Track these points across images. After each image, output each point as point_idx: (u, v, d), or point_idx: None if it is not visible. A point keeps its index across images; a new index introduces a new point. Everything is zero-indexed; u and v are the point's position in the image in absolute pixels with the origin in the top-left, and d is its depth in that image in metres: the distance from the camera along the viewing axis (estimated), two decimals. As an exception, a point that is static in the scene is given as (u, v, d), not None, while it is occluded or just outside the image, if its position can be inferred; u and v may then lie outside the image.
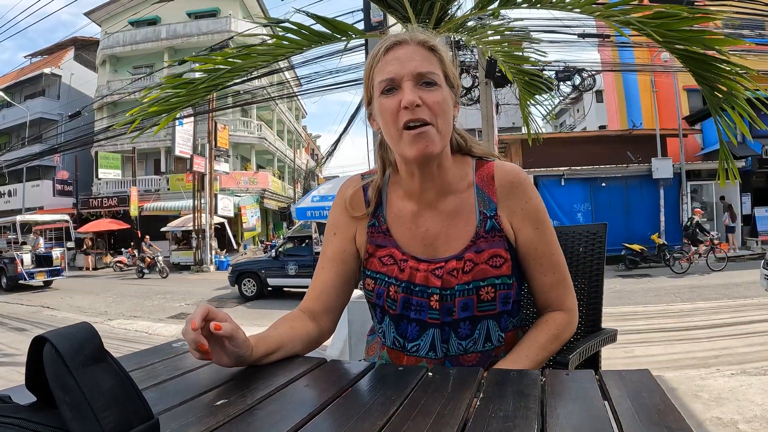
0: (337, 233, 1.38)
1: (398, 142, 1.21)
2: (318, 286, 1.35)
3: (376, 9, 4.93)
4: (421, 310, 1.25)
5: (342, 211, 1.38)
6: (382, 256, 1.31)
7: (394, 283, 1.27)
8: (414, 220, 1.30)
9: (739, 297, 9.28)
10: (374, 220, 1.34)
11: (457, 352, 1.25)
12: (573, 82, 15.51)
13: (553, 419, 0.77)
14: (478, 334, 1.25)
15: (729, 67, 2.70)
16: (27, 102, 32.30)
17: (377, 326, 1.36)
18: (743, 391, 3.85)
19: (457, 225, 1.28)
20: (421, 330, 1.26)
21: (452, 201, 1.29)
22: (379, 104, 1.22)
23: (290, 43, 3.43)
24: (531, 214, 1.28)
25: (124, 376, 0.68)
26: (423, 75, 1.18)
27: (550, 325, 1.29)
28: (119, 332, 8.70)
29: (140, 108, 3.53)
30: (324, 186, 14.16)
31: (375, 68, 1.24)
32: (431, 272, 1.25)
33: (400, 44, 1.22)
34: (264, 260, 14.11)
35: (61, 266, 18.15)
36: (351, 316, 4.20)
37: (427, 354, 1.25)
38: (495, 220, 1.27)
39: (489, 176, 1.30)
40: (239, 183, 28.93)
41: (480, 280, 1.22)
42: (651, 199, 18.24)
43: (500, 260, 1.24)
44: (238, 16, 29.89)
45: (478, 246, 1.25)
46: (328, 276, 1.35)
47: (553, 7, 3.20)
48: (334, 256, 1.36)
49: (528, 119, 4.73)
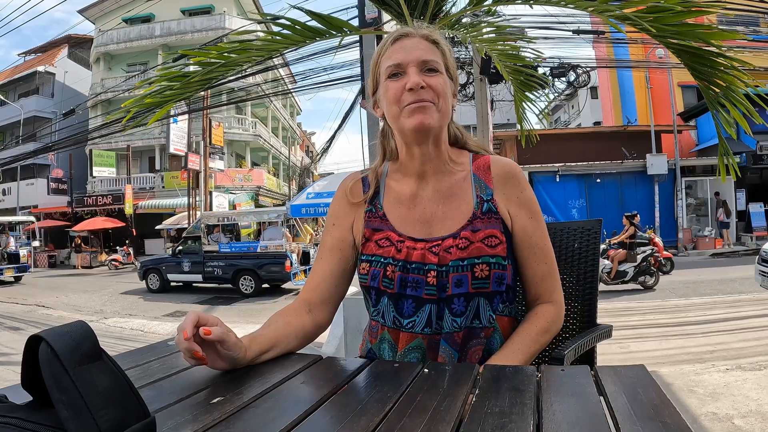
0: (336, 224, 1.42)
1: (398, 118, 1.29)
2: (317, 276, 1.39)
3: (370, 6, 4.92)
4: (417, 286, 1.27)
5: (341, 201, 1.43)
6: (379, 239, 1.34)
7: (390, 262, 1.30)
8: (412, 200, 1.35)
9: (733, 292, 9.32)
10: (371, 206, 1.39)
11: (451, 329, 1.26)
12: (568, 79, 15.53)
13: (549, 415, 0.77)
14: (469, 311, 1.27)
15: (725, 61, 2.71)
16: (21, 100, 32.16)
17: (372, 309, 1.38)
18: (738, 386, 3.87)
19: (453, 206, 1.33)
20: (417, 306, 1.28)
21: (449, 182, 1.35)
22: (385, 87, 1.30)
23: (284, 39, 3.42)
24: (526, 203, 1.34)
25: (120, 374, 0.68)
26: (427, 62, 1.27)
27: (540, 318, 1.32)
28: (115, 330, 8.68)
29: (135, 99, 3.52)
30: (319, 183, 14.14)
31: (382, 57, 1.33)
32: (428, 250, 1.28)
33: (407, 36, 1.31)
34: (165, 258, 15.28)
35: (28, 263, 19.75)
36: (347, 312, 4.20)
37: (422, 330, 1.27)
38: (491, 203, 1.31)
39: (485, 166, 1.36)
40: (234, 180, 28.86)
41: (475, 257, 1.25)
42: (646, 195, 18.30)
43: (495, 240, 1.27)
44: (232, 13, 29.78)
45: (474, 225, 1.29)
46: (326, 266, 1.39)
47: (547, 3, 3.20)
48: (332, 246, 1.40)
49: (522, 118, 4.73)
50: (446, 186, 1.34)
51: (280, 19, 3.30)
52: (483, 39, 4.02)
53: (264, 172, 31.88)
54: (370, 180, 1.42)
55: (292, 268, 12.81)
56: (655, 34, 2.71)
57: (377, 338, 1.37)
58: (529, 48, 4.31)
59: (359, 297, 1.43)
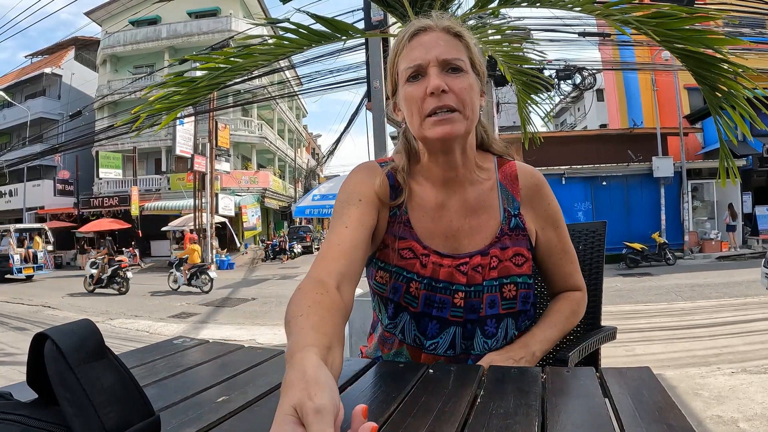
0: (363, 200, 1.21)
1: (421, 128, 1.17)
2: (346, 244, 1.12)
3: (376, 8, 4.93)
4: (443, 307, 1.21)
5: (369, 186, 1.24)
6: (402, 248, 1.23)
7: (415, 278, 1.22)
8: (437, 210, 1.26)
9: (740, 295, 9.27)
10: (395, 209, 1.26)
11: (483, 350, 1.22)
12: (573, 81, 15.50)
13: (554, 416, 0.77)
14: (501, 333, 1.24)
15: (728, 66, 2.70)
16: (28, 102, 32.27)
17: (387, 322, 1.27)
18: (744, 389, 3.85)
19: (480, 219, 1.26)
20: (441, 327, 1.22)
21: (475, 193, 1.26)
22: (405, 92, 1.18)
23: (290, 43, 3.43)
24: (553, 215, 1.32)
25: (125, 372, 0.68)
26: (449, 62, 1.15)
27: (571, 300, 1.36)
28: (120, 331, 8.70)
29: (144, 105, 3.54)
30: (325, 185, 14.15)
31: (399, 56, 1.21)
32: (455, 268, 1.21)
33: (425, 30, 1.19)
34: None
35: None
36: (352, 314, 4.19)
37: (445, 352, 1.23)
38: (519, 219, 1.27)
39: (512, 175, 1.30)
40: (240, 182, 28.91)
41: (504, 277, 1.22)
42: (652, 197, 18.21)
43: (522, 259, 1.24)
44: (238, 16, 29.85)
45: (503, 243, 1.24)
46: (356, 234, 1.15)
47: (553, 6, 3.20)
48: (361, 219, 1.18)
49: (525, 120, 4.72)
50: (473, 197, 1.26)
51: (286, 23, 3.31)
52: (488, 41, 4.02)
53: (270, 174, 31.92)
54: (398, 180, 1.27)
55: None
56: (658, 40, 2.70)
57: (392, 350, 1.30)
58: (534, 50, 4.31)
59: (364, 299, 1.43)
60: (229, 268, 22.66)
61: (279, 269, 21.51)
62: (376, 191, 1.23)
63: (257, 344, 5.67)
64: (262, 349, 1.27)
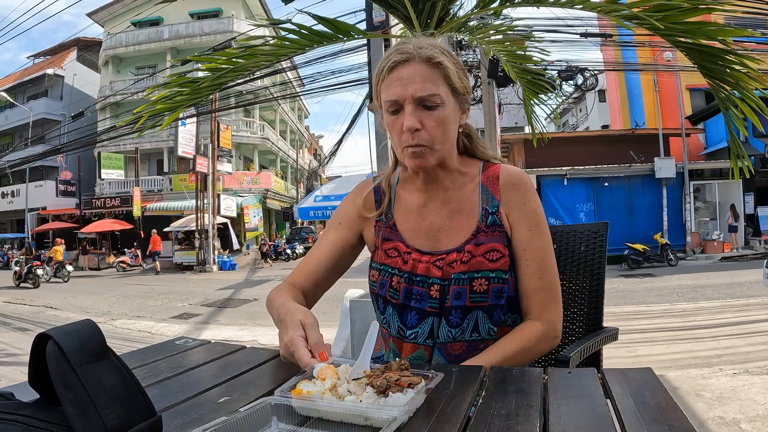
0: (343, 224, 1.46)
1: (401, 154, 1.31)
2: (312, 264, 1.43)
3: (378, 9, 4.93)
4: (421, 299, 1.30)
5: (353, 206, 1.47)
6: (388, 248, 1.38)
7: (397, 273, 1.33)
8: (420, 212, 1.38)
9: (742, 296, 9.25)
10: (382, 216, 1.42)
11: (446, 339, 1.28)
12: (575, 82, 15.49)
13: (556, 417, 0.77)
14: (466, 324, 1.28)
15: (735, 57, 2.69)
16: (30, 102, 32.35)
17: (380, 317, 1.40)
18: (746, 390, 3.85)
19: (461, 219, 1.34)
20: (420, 318, 1.31)
21: (457, 195, 1.36)
22: (386, 121, 1.31)
23: (292, 43, 3.44)
24: (527, 215, 1.32)
25: (126, 373, 0.68)
26: (423, 98, 1.24)
27: (524, 334, 1.26)
28: (122, 332, 8.71)
29: (147, 105, 3.55)
30: (327, 186, 14.19)
31: (381, 84, 1.30)
32: (432, 263, 1.30)
33: (404, 63, 1.25)
34: None
35: None
36: (353, 315, 4.19)
37: (425, 341, 1.30)
38: (496, 216, 1.31)
39: (494, 176, 1.36)
40: (242, 183, 28.94)
41: (474, 272, 1.26)
42: (654, 198, 18.18)
43: (497, 254, 1.28)
44: (240, 17, 29.89)
45: (478, 239, 1.29)
46: (324, 258, 1.43)
47: (553, 5, 3.20)
48: (335, 241, 1.44)
49: (532, 118, 4.73)
50: (454, 199, 1.36)
51: (288, 24, 3.31)
52: (490, 41, 4.02)
53: (272, 175, 31.96)
54: (383, 189, 1.44)
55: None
56: (663, 33, 2.70)
57: (385, 345, 1.41)
58: (537, 48, 4.31)
59: (365, 300, 1.45)
60: (231, 269, 22.69)
61: (281, 270, 21.52)
62: (357, 210, 1.45)
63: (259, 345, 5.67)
64: (264, 350, 1.28)
